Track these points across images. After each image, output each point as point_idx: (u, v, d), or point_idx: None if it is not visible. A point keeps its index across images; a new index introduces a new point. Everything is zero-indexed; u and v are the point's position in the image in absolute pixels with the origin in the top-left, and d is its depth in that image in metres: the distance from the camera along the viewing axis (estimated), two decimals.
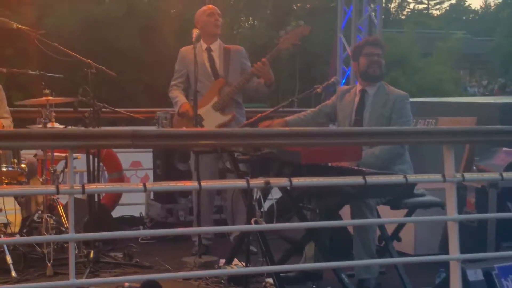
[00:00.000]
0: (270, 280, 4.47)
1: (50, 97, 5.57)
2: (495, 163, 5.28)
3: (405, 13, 47.03)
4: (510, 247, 4.85)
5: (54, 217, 5.44)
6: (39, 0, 19.11)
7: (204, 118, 5.54)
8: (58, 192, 3.16)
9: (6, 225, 5.51)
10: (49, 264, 5.03)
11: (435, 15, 49.34)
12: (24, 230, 5.42)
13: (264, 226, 4.11)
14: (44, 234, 5.24)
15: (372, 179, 3.61)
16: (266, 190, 3.98)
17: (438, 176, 3.55)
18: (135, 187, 3.56)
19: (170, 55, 6.03)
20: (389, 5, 39.88)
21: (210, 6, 5.98)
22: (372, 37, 7.68)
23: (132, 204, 7.11)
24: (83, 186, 3.19)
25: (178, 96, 5.81)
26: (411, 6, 48.96)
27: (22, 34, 5.93)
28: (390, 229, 4.78)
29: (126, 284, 4.26)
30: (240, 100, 5.88)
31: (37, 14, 17.03)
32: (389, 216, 4.85)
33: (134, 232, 5.96)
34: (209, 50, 5.84)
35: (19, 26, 5.78)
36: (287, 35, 5.50)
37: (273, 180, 3.32)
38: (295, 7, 29.39)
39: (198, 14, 5.90)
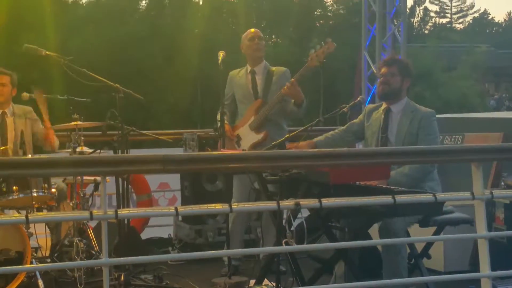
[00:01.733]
0: None
1: (79, 122, 5.67)
2: None
3: (428, 27, 47.01)
4: None
5: (84, 241, 5.48)
6: (63, 23, 19.35)
7: (242, 137, 5.73)
8: (91, 218, 3.23)
9: (36, 249, 5.57)
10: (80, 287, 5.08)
11: (458, 28, 49.25)
12: (55, 254, 5.47)
13: (295, 247, 4.11)
14: (75, 258, 5.27)
15: (401, 198, 3.63)
16: (295, 211, 4.03)
17: (467, 194, 3.57)
18: (167, 211, 3.63)
19: (193, 75, 6.11)
20: (412, 19, 39.85)
21: (252, 30, 6.01)
22: (388, 56, 7.67)
23: (161, 226, 7.14)
24: (116, 212, 3.26)
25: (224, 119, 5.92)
26: (434, 20, 48.92)
27: (49, 59, 6.03)
28: (419, 246, 4.79)
29: None
30: (279, 120, 5.88)
31: (62, 37, 17.25)
32: (418, 234, 4.83)
33: (165, 256, 6.04)
34: (253, 72, 5.91)
35: (48, 52, 5.89)
36: (315, 53, 5.54)
37: (303, 202, 3.35)
38: (317, 24, 29.45)
39: (242, 38, 6.00)
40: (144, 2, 26.26)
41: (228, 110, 5.96)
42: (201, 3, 25.87)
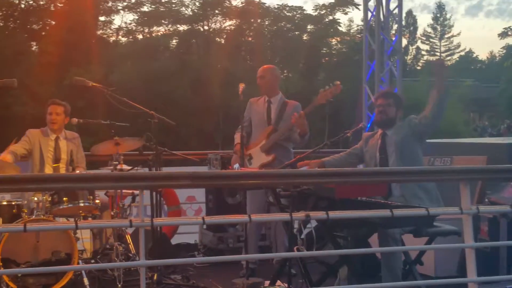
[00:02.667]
0: None
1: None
2: (504, 196, 5.27)
3: (420, 64, 46.94)
4: None
5: (123, 245, 5.49)
6: (105, 59, 19.54)
7: (253, 157, 5.74)
8: (131, 226, 3.24)
9: (82, 251, 5.59)
10: (119, 285, 5.08)
11: (447, 65, 49.06)
12: (98, 256, 5.48)
13: (305, 253, 4.14)
14: (115, 260, 5.28)
15: (397, 212, 3.64)
16: (305, 221, 4.04)
17: (455, 209, 3.57)
18: (195, 220, 3.66)
19: (216, 104, 6.17)
20: (406, 57, 39.86)
21: (261, 68, 6.05)
22: (383, 90, 7.70)
23: (188, 233, 7.15)
24: (152, 220, 3.29)
25: (236, 138, 5.95)
26: (425, 58, 48.90)
27: (94, 89, 6.09)
28: (413, 254, 4.78)
29: None
30: (287, 144, 5.88)
31: (104, 71, 17.40)
32: (412, 243, 4.82)
33: (192, 259, 6.03)
34: (269, 102, 5.93)
35: (94, 84, 5.96)
36: (324, 92, 5.56)
37: (312, 213, 3.37)
38: (323, 61, 29.52)
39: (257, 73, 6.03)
40: (174, 41, 26.47)
41: (246, 132, 5.96)
42: (223, 42, 26.04)
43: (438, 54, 48.89)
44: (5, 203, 5.37)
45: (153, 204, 5.84)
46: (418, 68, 44.35)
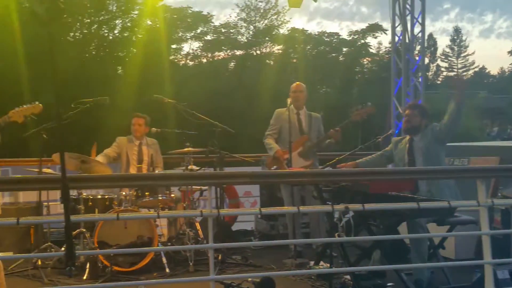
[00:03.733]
0: (348, 277, 4.45)
1: (190, 148, 5.82)
2: None
3: (440, 79, 45.88)
4: None
5: (193, 231, 5.59)
6: (176, 80, 19.74)
7: (293, 161, 5.69)
8: (202, 215, 3.28)
9: (160, 236, 5.70)
10: (191, 264, 5.18)
11: (466, 80, 47.79)
12: (173, 240, 5.60)
13: (344, 238, 4.12)
14: (187, 243, 5.37)
15: (423, 204, 3.59)
16: (344, 212, 4.02)
17: (474, 202, 3.50)
18: (254, 211, 3.70)
19: (268, 115, 6.20)
20: (428, 73, 39.02)
21: (295, 84, 6.03)
22: (410, 102, 7.57)
23: (245, 221, 7.17)
24: (218, 211, 3.33)
25: (272, 143, 5.89)
26: (444, 74, 47.76)
27: (168, 104, 6.19)
28: (436, 240, 4.70)
29: (250, 279, 4.29)
30: (317, 151, 5.95)
31: (175, 90, 17.59)
32: (436, 231, 4.74)
33: (249, 243, 6.09)
34: (298, 114, 5.94)
35: (169, 100, 6.09)
36: (359, 111, 5.51)
37: (351, 206, 3.35)
38: (356, 78, 29.14)
39: (290, 89, 6.02)
40: (232, 63, 26.61)
41: (273, 138, 5.93)
42: (272, 63, 26.02)
43: (455, 70, 47.65)
44: (99, 196, 5.54)
45: (217, 198, 5.92)
46: (438, 82, 43.31)
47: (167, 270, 5.09)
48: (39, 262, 5.08)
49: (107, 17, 20.39)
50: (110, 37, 20.82)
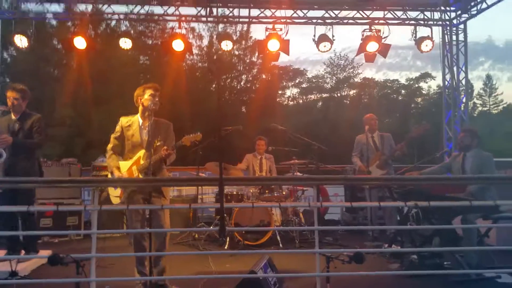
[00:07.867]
0: (415, 256, 4.18)
1: (296, 160, 5.81)
2: None
3: (475, 113, 41.98)
4: None
5: (298, 218, 5.54)
6: (280, 115, 19.87)
7: (372, 172, 5.46)
8: (309, 207, 3.23)
9: (274, 221, 5.65)
10: (297, 241, 5.11)
11: (494, 113, 43.22)
12: (284, 224, 5.56)
13: (413, 227, 3.89)
14: (294, 226, 5.31)
15: (474, 203, 3.29)
16: (411, 208, 3.80)
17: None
18: (344, 204, 3.57)
19: (347, 140, 6.02)
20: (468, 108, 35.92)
21: (369, 114, 5.84)
22: (463, 127, 7.00)
23: (333, 213, 6.95)
24: (321, 203, 3.26)
25: (357, 161, 5.73)
26: (479, 109, 43.63)
27: (280, 131, 6.20)
28: (483, 230, 4.27)
29: (345, 253, 4.12)
30: (390, 161, 5.63)
31: (280, 122, 17.75)
32: (483, 224, 4.32)
33: (338, 228, 5.88)
34: (372, 137, 5.74)
35: (282, 127, 6.09)
36: (417, 128, 5.24)
37: (419, 203, 3.16)
38: (412, 112, 27.63)
39: (365, 119, 5.83)
40: (320, 103, 26.39)
41: (357, 157, 5.75)
42: (348, 103, 25.46)
43: (488, 106, 43.36)
44: (234, 192, 5.67)
45: (315, 195, 5.83)
46: (475, 115, 39.76)
47: (281, 245, 5.07)
48: (196, 236, 5.30)
49: (236, 74, 21.24)
50: (238, 87, 21.65)
